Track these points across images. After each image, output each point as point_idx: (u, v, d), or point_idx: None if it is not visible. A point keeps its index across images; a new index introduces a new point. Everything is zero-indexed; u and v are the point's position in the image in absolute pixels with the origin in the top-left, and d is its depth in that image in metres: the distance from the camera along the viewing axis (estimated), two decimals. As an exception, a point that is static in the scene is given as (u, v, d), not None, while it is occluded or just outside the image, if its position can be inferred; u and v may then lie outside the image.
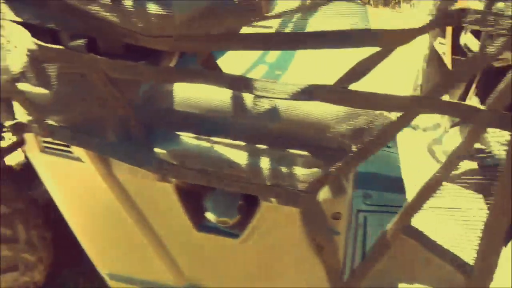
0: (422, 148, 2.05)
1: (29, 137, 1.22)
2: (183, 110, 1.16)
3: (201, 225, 1.28)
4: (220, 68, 1.06)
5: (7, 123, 1.16)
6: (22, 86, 1.08)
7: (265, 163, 1.11)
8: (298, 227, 1.20)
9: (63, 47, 1.00)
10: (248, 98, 1.12)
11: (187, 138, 1.16)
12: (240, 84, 1.00)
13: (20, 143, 2.01)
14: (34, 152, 1.25)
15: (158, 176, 1.19)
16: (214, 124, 1.15)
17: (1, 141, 1.87)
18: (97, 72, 1.02)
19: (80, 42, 0.99)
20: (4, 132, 1.89)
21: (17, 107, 1.15)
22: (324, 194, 1.12)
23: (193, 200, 1.27)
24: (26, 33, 1.02)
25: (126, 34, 0.95)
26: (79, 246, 1.52)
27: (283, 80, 1.34)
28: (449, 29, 1.85)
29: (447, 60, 2.05)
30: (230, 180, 1.13)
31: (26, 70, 1.04)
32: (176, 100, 1.16)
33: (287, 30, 1.54)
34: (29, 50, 1.01)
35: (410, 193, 1.80)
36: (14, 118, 1.16)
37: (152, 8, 0.87)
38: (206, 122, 1.16)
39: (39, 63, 1.03)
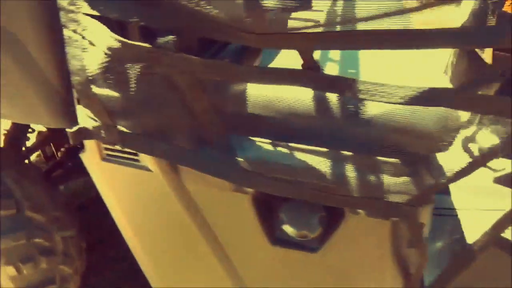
0: (456, 146, 1.99)
1: (89, 144, 1.08)
2: (256, 113, 1.06)
3: (275, 238, 1.18)
4: (321, 68, 0.95)
5: (68, 130, 1.02)
6: (96, 88, 0.94)
7: (352, 171, 1.02)
8: (381, 239, 1.11)
9: (151, 45, 0.87)
10: (332, 99, 1.03)
11: (263, 144, 1.05)
12: (343, 86, 0.90)
13: (42, 144, 1.89)
14: (94, 160, 1.11)
15: (234, 186, 1.09)
16: (292, 129, 1.06)
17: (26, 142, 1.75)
18: (185, 72, 0.90)
19: (170, 39, 0.86)
20: (30, 132, 1.76)
21: (80, 111, 1.01)
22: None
23: (267, 211, 1.16)
24: (105, 29, 0.88)
25: (228, 32, 0.83)
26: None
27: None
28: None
29: (487, 54, 1.98)
30: (315, 191, 1.03)
31: (102, 71, 0.90)
32: (249, 102, 1.05)
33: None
34: (109, 49, 0.88)
35: (454, 194, 1.75)
36: (75, 123, 1.03)
37: (271, 2, 0.75)
38: (283, 127, 1.06)
39: (118, 63, 0.90)
